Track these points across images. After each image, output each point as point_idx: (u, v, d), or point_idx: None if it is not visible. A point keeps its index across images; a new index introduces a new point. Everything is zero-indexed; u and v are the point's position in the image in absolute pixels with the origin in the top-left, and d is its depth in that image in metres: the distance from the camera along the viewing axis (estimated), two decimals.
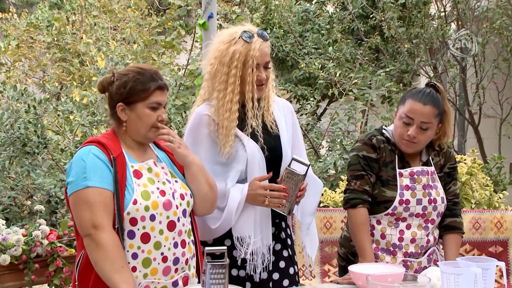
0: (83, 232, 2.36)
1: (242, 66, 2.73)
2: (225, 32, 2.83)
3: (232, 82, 2.73)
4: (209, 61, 2.83)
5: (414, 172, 2.94)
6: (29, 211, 4.77)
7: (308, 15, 10.22)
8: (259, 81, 2.77)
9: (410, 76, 8.63)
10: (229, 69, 2.74)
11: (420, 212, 2.92)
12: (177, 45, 7.63)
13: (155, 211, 2.40)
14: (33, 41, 9.64)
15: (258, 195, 2.71)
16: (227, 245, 2.76)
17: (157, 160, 2.58)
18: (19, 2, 12.91)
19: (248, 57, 2.72)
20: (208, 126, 2.77)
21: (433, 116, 2.86)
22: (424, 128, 2.86)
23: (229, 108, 2.74)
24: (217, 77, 2.77)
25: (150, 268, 2.40)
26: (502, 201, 4.90)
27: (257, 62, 2.73)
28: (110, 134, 2.54)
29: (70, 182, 2.39)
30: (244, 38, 2.73)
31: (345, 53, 8.61)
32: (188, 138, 2.83)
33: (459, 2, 7.56)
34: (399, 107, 2.94)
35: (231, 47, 2.74)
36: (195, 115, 2.83)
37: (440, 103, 2.88)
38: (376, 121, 6.69)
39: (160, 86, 2.49)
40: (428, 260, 2.97)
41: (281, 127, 2.90)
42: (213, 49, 2.83)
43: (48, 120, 5.66)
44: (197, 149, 2.75)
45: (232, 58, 2.73)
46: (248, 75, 2.73)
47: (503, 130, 7.98)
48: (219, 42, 2.80)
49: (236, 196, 2.72)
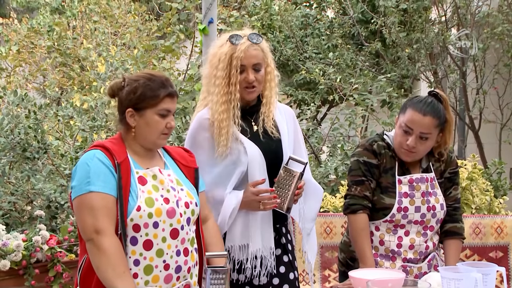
0: (86, 236, 2.36)
1: (227, 68, 2.76)
2: (222, 37, 2.88)
3: (218, 83, 2.77)
4: (205, 65, 2.89)
5: (414, 179, 2.93)
6: (29, 216, 4.76)
7: (308, 20, 10.23)
8: (247, 83, 2.79)
9: (410, 81, 8.63)
10: (216, 70, 2.77)
11: (418, 219, 2.91)
12: (177, 50, 7.63)
13: (158, 218, 2.40)
14: (34, 46, 9.65)
15: (252, 201, 2.73)
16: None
17: (164, 167, 2.57)
18: (20, 6, 12.93)
19: (232, 59, 2.75)
20: (208, 130, 2.79)
21: (432, 126, 2.83)
22: (424, 138, 2.84)
23: (216, 109, 2.77)
24: (210, 80, 2.82)
25: (152, 276, 2.39)
26: (503, 206, 4.89)
27: (241, 63, 2.75)
28: (116, 138, 2.53)
29: (74, 186, 2.39)
30: (230, 40, 2.76)
31: (346, 59, 8.62)
32: (189, 141, 2.85)
33: (460, 7, 7.56)
34: (400, 116, 2.92)
35: (220, 50, 2.79)
36: (196, 119, 2.86)
37: (441, 113, 2.85)
38: (377, 126, 6.69)
39: (170, 93, 2.49)
40: (429, 265, 2.96)
41: (283, 131, 2.90)
42: (208, 54, 2.90)
43: (48, 125, 5.66)
44: (197, 152, 2.77)
45: (219, 60, 2.77)
46: (232, 75, 2.76)
47: (504, 136, 7.97)
48: (213, 47, 2.87)
49: (231, 203, 2.74)
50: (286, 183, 2.72)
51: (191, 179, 2.63)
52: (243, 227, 2.79)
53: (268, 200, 2.72)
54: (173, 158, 2.65)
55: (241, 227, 2.79)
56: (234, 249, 2.78)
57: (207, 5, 4.40)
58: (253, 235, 2.78)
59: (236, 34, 2.78)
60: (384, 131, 3.09)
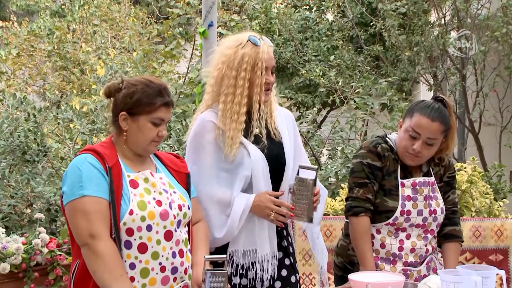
0: (80, 241, 2.35)
1: (251, 69, 2.73)
2: (230, 38, 2.84)
3: (241, 85, 2.73)
4: (215, 66, 2.81)
5: (417, 183, 2.92)
6: (29, 220, 4.76)
7: (308, 23, 10.24)
8: (267, 85, 2.77)
9: (410, 84, 8.63)
10: (237, 72, 2.73)
11: (420, 223, 2.91)
12: (177, 54, 7.64)
13: (151, 221, 2.39)
14: (34, 50, 9.65)
15: (267, 207, 2.70)
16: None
17: (155, 170, 2.57)
18: (20, 9, 12.92)
19: (257, 60, 2.72)
20: (212, 132, 2.76)
21: (439, 132, 2.84)
22: (430, 144, 2.84)
23: (237, 110, 2.73)
24: (224, 81, 2.76)
25: (149, 278, 2.39)
26: (503, 209, 4.89)
27: (266, 65, 2.74)
28: (107, 142, 2.53)
29: (66, 191, 2.38)
30: (252, 41, 2.73)
31: (346, 60, 8.62)
32: (192, 144, 2.81)
33: (460, 10, 7.57)
34: (406, 119, 2.91)
35: (240, 50, 2.74)
36: (199, 121, 2.81)
37: (447, 119, 2.86)
38: (378, 130, 6.68)
39: (167, 102, 2.48)
40: (427, 268, 2.96)
41: (284, 135, 2.89)
42: (218, 55, 2.82)
43: (48, 128, 5.65)
44: (201, 155, 2.74)
45: (241, 61, 2.72)
46: (257, 77, 2.73)
47: (504, 138, 7.97)
48: (225, 48, 2.80)
49: (241, 204, 2.70)
50: (302, 193, 2.69)
51: (182, 184, 2.62)
52: (247, 232, 2.76)
53: (282, 216, 2.70)
54: (163, 163, 2.64)
55: (245, 232, 2.76)
56: (238, 254, 2.75)
57: (207, 8, 4.40)
58: (262, 240, 2.76)
59: (253, 36, 2.76)
60: (385, 134, 3.08)
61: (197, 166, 2.76)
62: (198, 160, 2.76)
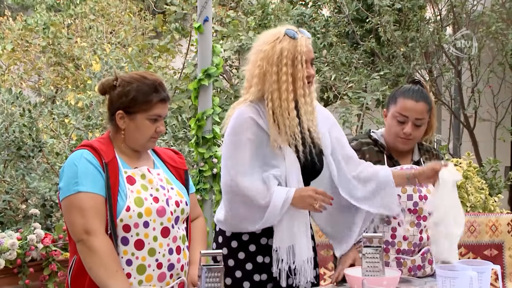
0: (76, 237, 2.34)
1: (291, 63, 2.68)
2: (266, 34, 2.79)
3: (284, 80, 2.67)
4: (255, 63, 2.74)
5: (404, 168, 2.96)
6: (24, 215, 4.74)
7: (304, 18, 10.22)
8: (308, 78, 2.73)
9: (405, 79, 8.63)
10: (278, 67, 2.68)
11: (411, 207, 2.95)
12: (172, 49, 7.61)
13: (148, 217, 2.39)
14: (29, 45, 9.61)
15: (308, 196, 2.65)
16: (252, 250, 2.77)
17: (153, 166, 2.56)
18: (15, 4, 12.86)
19: (296, 53, 2.68)
20: (251, 128, 2.69)
21: (425, 111, 2.93)
22: (418, 125, 2.93)
23: (286, 107, 2.68)
24: (267, 78, 2.70)
25: (145, 275, 2.39)
26: (497, 204, 4.91)
27: (305, 58, 2.70)
28: (105, 138, 2.51)
29: (62, 187, 2.37)
30: (289, 35, 2.69)
31: (341, 57, 8.62)
32: (230, 139, 2.72)
33: (455, 6, 7.58)
34: (390, 107, 2.99)
35: (277, 45, 2.69)
36: (237, 116, 2.73)
37: (429, 98, 2.97)
38: (372, 125, 6.69)
39: (163, 98, 2.46)
40: (422, 258, 2.98)
41: (324, 139, 2.85)
42: (256, 52, 2.76)
43: (43, 123, 5.63)
44: (238, 151, 2.68)
45: (280, 56, 2.67)
46: (298, 71, 2.68)
47: (498, 134, 8.00)
48: (262, 44, 2.74)
49: (281, 197, 2.63)
50: (373, 260, 2.61)
51: (181, 180, 2.61)
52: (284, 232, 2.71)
53: (324, 203, 2.67)
54: (162, 159, 2.63)
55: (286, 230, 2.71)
56: (281, 251, 2.70)
57: (202, 3, 4.38)
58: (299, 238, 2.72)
59: (290, 29, 2.71)
60: (370, 129, 3.16)
61: (234, 160, 2.68)
62: (235, 155, 2.68)
